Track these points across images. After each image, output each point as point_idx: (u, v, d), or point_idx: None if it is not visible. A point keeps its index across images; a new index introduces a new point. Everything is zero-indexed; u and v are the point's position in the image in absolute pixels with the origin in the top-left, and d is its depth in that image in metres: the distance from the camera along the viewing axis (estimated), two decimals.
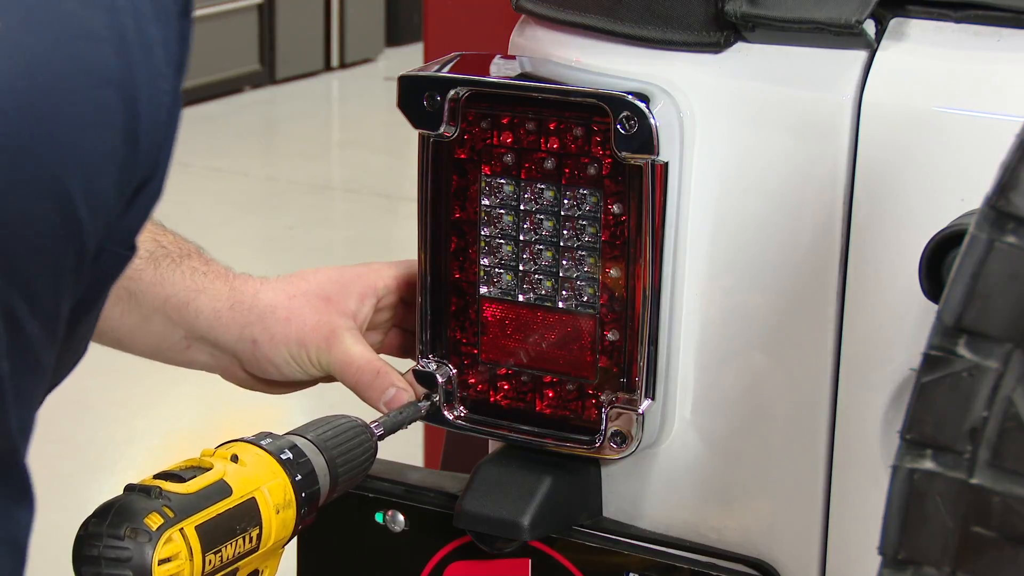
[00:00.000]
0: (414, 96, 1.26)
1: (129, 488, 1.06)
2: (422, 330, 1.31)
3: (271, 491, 1.10)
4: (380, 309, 1.37)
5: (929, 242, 1.09)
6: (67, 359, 0.93)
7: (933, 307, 0.98)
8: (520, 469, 1.29)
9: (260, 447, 1.13)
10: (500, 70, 1.28)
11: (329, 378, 1.39)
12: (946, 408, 0.93)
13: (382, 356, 1.36)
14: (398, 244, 5.54)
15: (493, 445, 1.34)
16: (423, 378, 1.31)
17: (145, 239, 1.32)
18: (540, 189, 1.25)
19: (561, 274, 1.25)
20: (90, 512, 1.05)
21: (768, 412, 1.23)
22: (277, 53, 7.75)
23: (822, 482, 1.23)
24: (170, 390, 4.44)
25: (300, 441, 1.15)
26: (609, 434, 1.25)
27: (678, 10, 1.21)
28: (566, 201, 1.24)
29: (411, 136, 1.31)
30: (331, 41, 8.13)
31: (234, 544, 1.07)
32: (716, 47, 1.20)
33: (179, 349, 1.37)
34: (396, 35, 8.60)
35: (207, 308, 1.34)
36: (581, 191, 1.23)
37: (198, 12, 7.16)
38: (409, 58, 7.91)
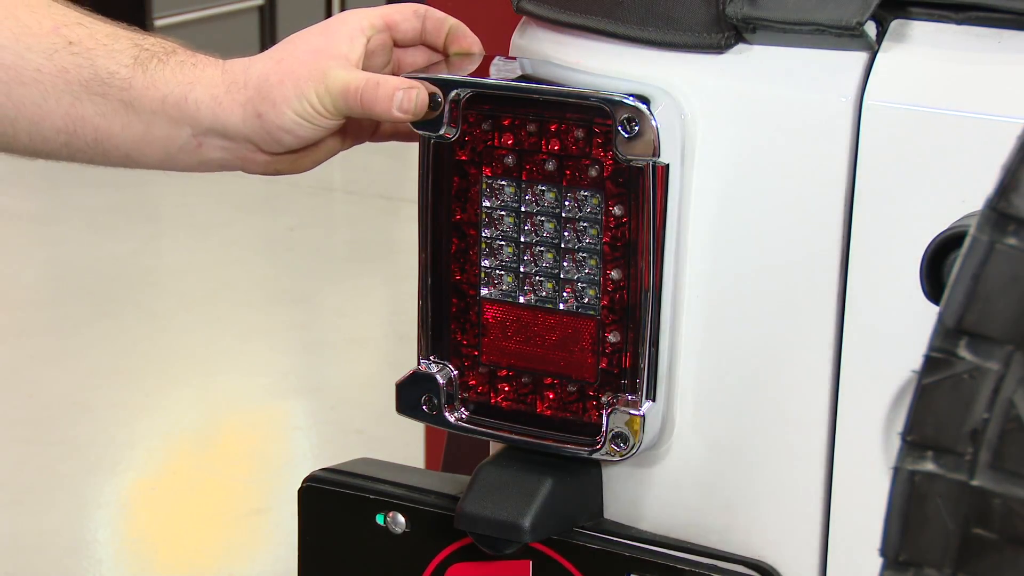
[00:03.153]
0: None
1: None
2: (423, 331, 1.31)
3: None
4: (372, 51, 1.34)
5: (930, 244, 1.09)
6: None
7: (934, 309, 0.98)
8: (521, 471, 1.29)
9: None
10: (501, 72, 1.28)
11: (352, 128, 1.36)
12: (947, 410, 0.93)
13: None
14: (399, 245, 5.55)
15: (494, 447, 1.34)
16: (423, 380, 1.31)
17: (125, 47, 1.31)
18: (541, 191, 1.25)
19: (562, 276, 1.25)
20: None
21: (769, 413, 1.23)
22: None
23: (823, 483, 1.23)
24: (171, 392, 4.45)
25: None
26: (610, 436, 1.25)
27: (679, 12, 1.21)
28: (567, 203, 1.24)
29: None
30: None
31: None
32: (717, 49, 1.20)
33: (191, 149, 1.34)
34: None
35: (205, 96, 1.31)
36: (582, 193, 1.23)
37: (199, 13, 7.14)
38: None
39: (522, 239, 1.26)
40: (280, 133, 1.31)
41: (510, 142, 1.25)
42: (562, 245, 1.25)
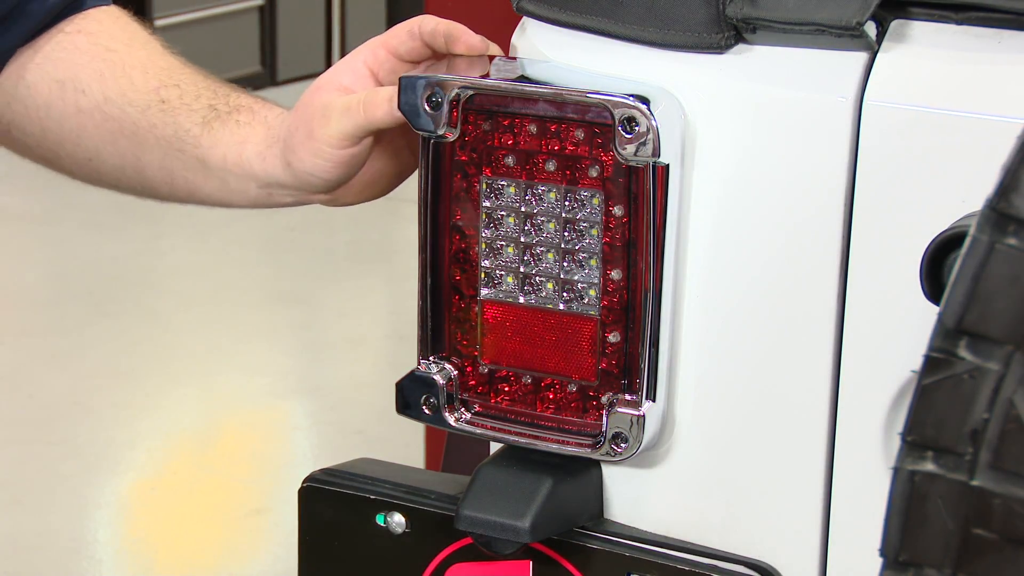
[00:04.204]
0: (415, 97, 1.26)
1: None
2: (423, 332, 1.31)
3: None
4: (386, 79, 1.38)
5: (930, 244, 1.09)
6: None
7: (934, 309, 0.98)
8: (521, 471, 1.29)
9: None
10: (501, 72, 1.28)
11: (406, 152, 1.41)
12: (947, 410, 0.93)
13: None
14: (399, 245, 5.54)
15: (494, 447, 1.34)
16: (423, 380, 1.31)
17: (202, 106, 1.42)
18: (541, 191, 1.25)
19: (562, 276, 1.25)
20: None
21: (769, 413, 1.23)
22: (278, 55, 7.75)
23: (823, 484, 1.23)
24: (171, 392, 4.45)
25: None
26: (610, 436, 1.25)
27: (679, 12, 1.21)
28: (567, 203, 1.24)
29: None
30: (332, 43, 8.13)
31: None
32: (717, 49, 1.20)
33: (264, 198, 1.43)
34: None
35: (253, 154, 1.39)
36: (582, 193, 1.23)
37: (199, 13, 7.14)
38: None
39: (522, 239, 1.26)
40: (306, 176, 1.37)
41: (510, 142, 1.25)
42: (562, 245, 1.25)
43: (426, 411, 1.32)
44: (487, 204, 1.27)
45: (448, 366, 1.31)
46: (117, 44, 1.47)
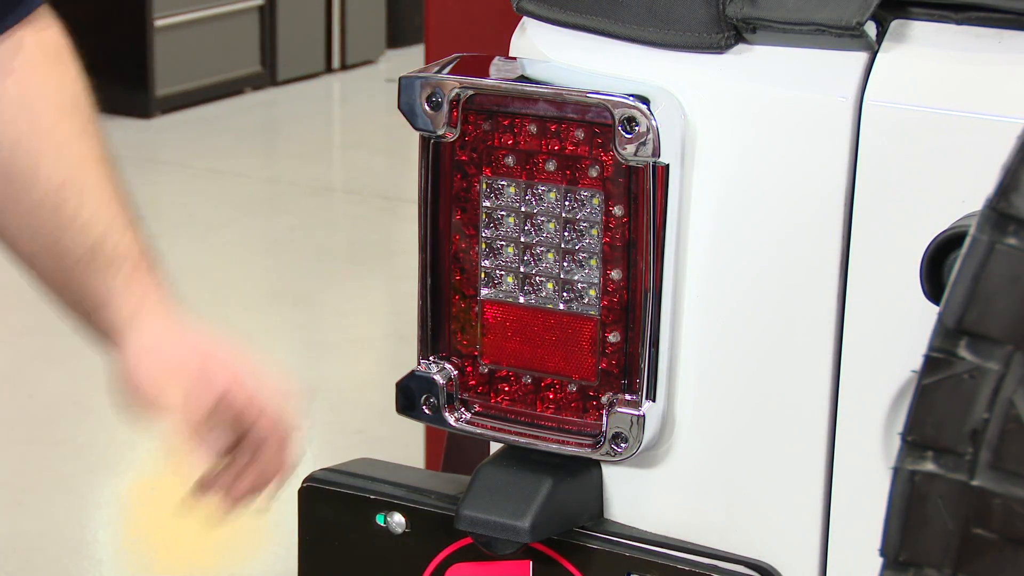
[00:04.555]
0: (415, 97, 1.26)
1: None
2: (423, 332, 1.31)
3: None
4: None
5: (930, 244, 1.09)
6: None
7: (934, 309, 0.98)
8: (521, 471, 1.29)
9: None
10: (501, 72, 1.28)
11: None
12: (947, 410, 0.93)
13: None
14: (399, 245, 5.54)
15: (494, 447, 1.34)
16: (423, 380, 1.31)
17: (91, 234, 1.40)
18: (541, 191, 1.25)
19: (563, 276, 1.25)
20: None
21: (769, 414, 1.23)
22: (278, 55, 7.75)
23: (823, 483, 1.23)
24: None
25: None
26: (610, 436, 1.25)
27: (680, 12, 1.21)
28: (567, 203, 1.24)
29: (412, 138, 1.31)
30: (332, 43, 8.13)
31: None
32: (717, 49, 1.20)
33: (85, 318, 1.44)
34: (397, 37, 8.60)
35: (99, 304, 1.42)
36: (582, 193, 1.23)
37: (199, 13, 7.11)
38: (410, 60, 7.91)
39: (522, 239, 1.26)
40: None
41: (510, 142, 1.25)
42: (562, 245, 1.25)
43: (426, 411, 1.32)
44: (487, 204, 1.27)
45: (448, 366, 1.31)
46: (45, 106, 1.42)
